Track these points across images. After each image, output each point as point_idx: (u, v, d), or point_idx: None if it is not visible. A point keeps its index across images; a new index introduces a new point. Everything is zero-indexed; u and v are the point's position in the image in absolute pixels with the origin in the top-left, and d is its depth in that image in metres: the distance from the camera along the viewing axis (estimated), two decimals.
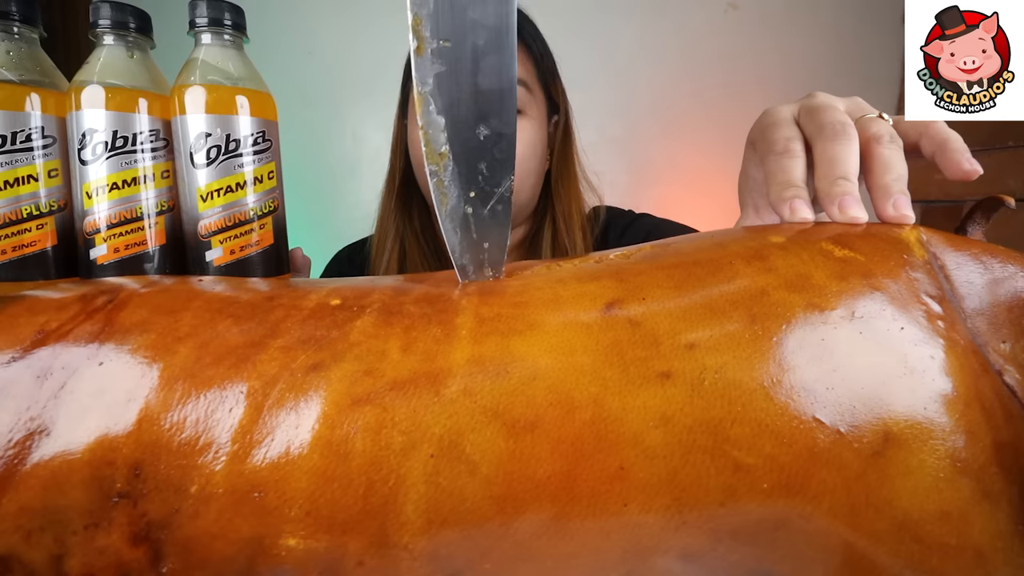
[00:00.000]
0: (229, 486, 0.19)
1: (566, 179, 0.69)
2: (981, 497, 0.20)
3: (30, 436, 0.20)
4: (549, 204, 0.69)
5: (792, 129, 0.30)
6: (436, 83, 0.23)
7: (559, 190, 0.68)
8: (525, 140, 0.61)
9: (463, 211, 0.24)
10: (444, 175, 0.24)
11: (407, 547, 0.19)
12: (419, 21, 0.22)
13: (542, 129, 0.65)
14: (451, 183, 0.24)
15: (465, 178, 0.24)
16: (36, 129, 0.31)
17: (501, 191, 0.25)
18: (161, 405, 0.20)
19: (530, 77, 0.63)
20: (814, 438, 0.20)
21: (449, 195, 0.24)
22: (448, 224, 0.25)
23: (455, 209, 0.24)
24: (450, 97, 0.24)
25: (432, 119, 0.24)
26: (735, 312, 0.21)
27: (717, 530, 0.20)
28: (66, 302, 0.22)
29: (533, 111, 0.63)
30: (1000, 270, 0.24)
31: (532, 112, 0.62)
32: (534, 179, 0.65)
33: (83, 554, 0.19)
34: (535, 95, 0.63)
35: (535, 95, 0.63)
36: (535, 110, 0.63)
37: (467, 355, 0.21)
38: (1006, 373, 0.22)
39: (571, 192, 0.69)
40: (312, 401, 0.20)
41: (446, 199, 0.24)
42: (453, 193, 0.24)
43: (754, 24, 1.37)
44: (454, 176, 0.24)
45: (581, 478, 0.20)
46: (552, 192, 0.68)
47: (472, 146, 0.24)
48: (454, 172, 0.24)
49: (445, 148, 0.24)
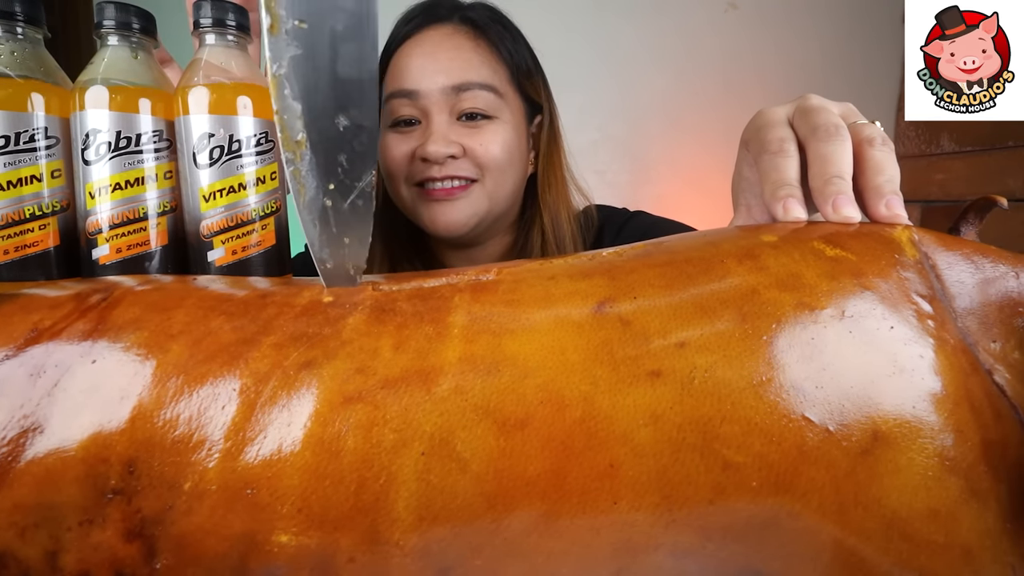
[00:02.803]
0: (222, 483, 0.20)
1: (553, 183, 0.65)
2: (969, 495, 0.20)
3: (24, 434, 0.20)
4: (536, 211, 0.66)
5: (786, 130, 0.30)
6: (292, 66, 0.22)
7: (546, 196, 0.65)
8: (499, 144, 0.58)
9: (322, 203, 0.24)
10: (301, 164, 0.23)
11: (398, 544, 0.20)
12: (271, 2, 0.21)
13: (519, 132, 0.62)
14: (309, 173, 0.23)
15: (324, 169, 0.23)
16: (39, 129, 0.31)
17: (362, 185, 0.24)
18: (154, 402, 0.20)
19: (499, 80, 0.60)
20: (803, 436, 0.20)
21: (307, 186, 0.23)
22: (307, 216, 0.24)
23: (313, 201, 0.24)
24: (307, 82, 0.23)
25: (287, 104, 0.23)
26: (726, 311, 0.21)
27: (707, 527, 0.20)
28: (60, 300, 0.22)
29: (506, 115, 0.60)
30: (991, 270, 0.24)
31: (505, 116, 0.60)
32: (513, 185, 0.62)
33: (78, 550, 0.20)
34: (507, 98, 0.60)
35: (507, 98, 0.60)
36: (508, 113, 0.60)
37: (459, 353, 0.21)
38: (996, 372, 0.22)
39: (560, 197, 0.66)
40: (304, 398, 0.20)
41: (304, 190, 0.23)
42: (311, 184, 0.23)
43: (754, 24, 1.37)
44: (312, 166, 0.23)
45: (571, 476, 0.20)
46: (539, 198, 0.65)
47: (331, 136, 0.23)
48: (312, 162, 0.23)
49: (302, 136, 0.23)
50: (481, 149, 0.58)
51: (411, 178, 0.59)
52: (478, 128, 0.58)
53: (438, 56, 0.58)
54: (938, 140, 1.00)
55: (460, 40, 0.60)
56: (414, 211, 0.60)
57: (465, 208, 0.59)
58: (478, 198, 0.59)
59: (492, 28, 0.62)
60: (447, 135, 0.57)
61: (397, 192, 0.61)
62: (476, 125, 0.58)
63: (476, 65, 0.59)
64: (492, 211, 0.61)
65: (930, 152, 0.99)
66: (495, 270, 0.25)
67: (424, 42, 0.60)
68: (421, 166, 0.57)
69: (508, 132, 0.60)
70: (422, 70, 0.58)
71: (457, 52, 0.59)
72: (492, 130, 0.58)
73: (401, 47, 0.61)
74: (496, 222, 0.63)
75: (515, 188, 0.63)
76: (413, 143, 0.58)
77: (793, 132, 0.30)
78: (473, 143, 0.57)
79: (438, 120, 0.57)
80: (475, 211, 0.59)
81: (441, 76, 0.57)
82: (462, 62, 0.58)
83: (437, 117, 0.57)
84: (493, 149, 0.58)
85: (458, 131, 0.58)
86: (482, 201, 0.59)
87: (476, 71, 0.58)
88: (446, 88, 0.57)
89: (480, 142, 0.58)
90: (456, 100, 0.58)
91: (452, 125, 0.58)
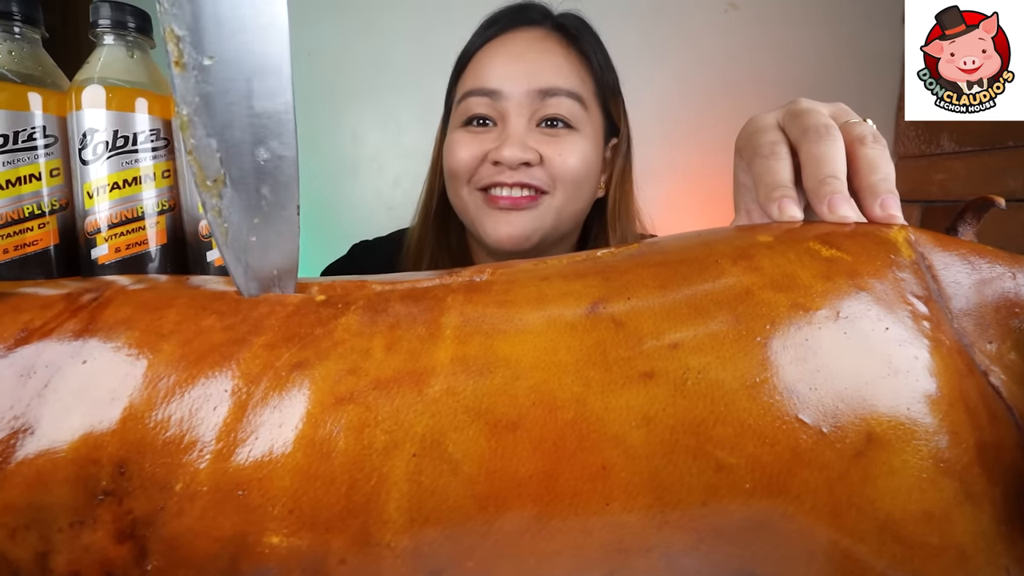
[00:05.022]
0: (213, 484, 0.19)
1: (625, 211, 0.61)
2: (964, 498, 0.20)
3: (14, 435, 0.20)
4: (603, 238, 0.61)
5: (777, 134, 0.30)
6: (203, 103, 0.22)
7: (615, 224, 0.60)
8: (578, 156, 0.55)
9: (246, 240, 0.23)
10: (222, 203, 0.22)
11: (389, 545, 0.19)
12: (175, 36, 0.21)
13: (597, 149, 0.58)
14: (230, 210, 0.23)
15: (246, 204, 0.23)
16: (38, 128, 0.31)
17: (287, 215, 0.23)
18: (145, 403, 0.20)
19: (586, 91, 0.57)
20: (797, 438, 0.20)
21: (231, 223, 0.23)
22: (230, 254, 0.23)
23: (236, 238, 0.23)
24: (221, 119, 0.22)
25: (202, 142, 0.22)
26: (719, 312, 0.21)
27: (699, 529, 0.20)
28: (51, 300, 0.22)
29: (587, 128, 0.56)
30: (988, 270, 0.23)
31: (586, 129, 0.56)
32: (583, 204, 0.58)
33: (68, 552, 0.20)
34: (591, 112, 0.57)
35: (591, 112, 0.57)
36: (590, 128, 0.57)
37: (451, 354, 0.21)
38: (991, 374, 0.22)
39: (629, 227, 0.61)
40: (296, 399, 0.20)
41: (227, 228, 0.23)
42: (234, 220, 0.23)
43: (754, 24, 1.37)
44: (233, 203, 0.23)
45: (563, 477, 0.20)
46: (608, 224, 0.61)
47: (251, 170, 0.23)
48: (233, 198, 0.23)
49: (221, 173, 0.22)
50: (559, 159, 0.54)
51: (477, 182, 0.55)
52: (558, 137, 0.55)
53: (527, 57, 0.55)
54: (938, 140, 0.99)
55: (551, 44, 0.57)
56: (474, 217, 0.57)
57: (531, 221, 0.55)
58: (545, 212, 0.55)
59: (585, 38, 0.59)
60: (525, 140, 0.54)
61: (458, 194, 0.58)
62: (556, 133, 0.55)
63: (565, 72, 0.56)
64: (557, 229, 0.57)
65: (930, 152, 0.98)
66: (489, 270, 0.25)
67: (512, 43, 0.57)
68: (491, 170, 0.54)
69: (587, 146, 0.56)
70: (507, 70, 0.55)
71: (547, 56, 0.56)
72: (572, 141, 0.55)
73: (484, 47, 0.57)
74: (557, 243, 0.59)
75: (583, 208, 0.59)
76: (486, 145, 0.55)
77: (784, 136, 0.30)
78: (551, 152, 0.54)
79: (516, 124, 0.54)
80: (540, 225, 0.55)
81: (527, 78, 0.54)
82: (552, 66, 0.55)
83: (516, 120, 0.54)
84: (571, 161, 0.55)
85: (536, 138, 0.54)
86: (549, 215, 0.56)
87: (565, 78, 0.55)
88: (531, 91, 0.54)
89: (559, 152, 0.54)
90: (539, 105, 0.54)
91: (531, 131, 0.55)
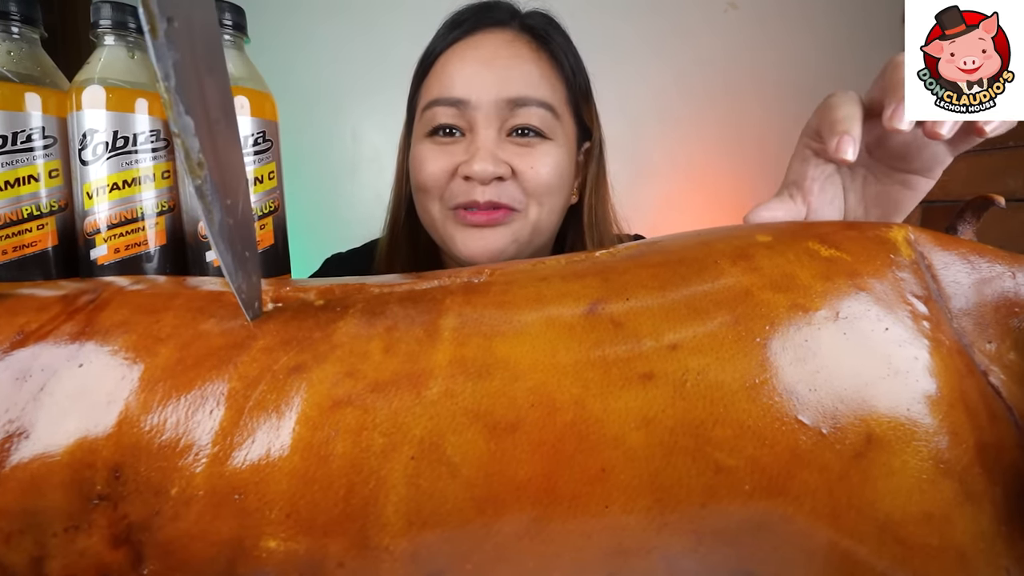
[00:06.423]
0: (209, 488, 0.19)
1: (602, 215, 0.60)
2: (964, 498, 0.20)
3: (9, 439, 0.20)
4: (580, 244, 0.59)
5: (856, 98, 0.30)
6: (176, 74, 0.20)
7: (593, 229, 0.59)
8: (551, 167, 0.52)
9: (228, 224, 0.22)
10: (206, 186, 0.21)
11: (388, 549, 0.19)
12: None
13: (570, 157, 0.56)
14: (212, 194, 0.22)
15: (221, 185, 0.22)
16: (37, 129, 0.31)
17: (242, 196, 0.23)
18: (141, 407, 0.20)
19: (558, 99, 0.54)
20: (796, 440, 0.19)
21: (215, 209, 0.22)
22: (220, 241, 0.22)
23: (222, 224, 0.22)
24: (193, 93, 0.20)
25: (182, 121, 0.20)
26: (719, 312, 0.21)
27: (699, 531, 0.20)
28: (47, 302, 0.22)
29: (560, 137, 0.54)
30: (988, 270, 0.23)
31: (559, 138, 0.54)
32: (558, 215, 0.57)
33: (63, 556, 0.19)
34: (563, 119, 0.55)
35: (563, 119, 0.55)
36: (562, 136, 0.54)
37: (449, 356, 0.21)
38: (991, 374, 0.22)
39: (607, 229, 0.60)
40: (293, 403, 0.20)
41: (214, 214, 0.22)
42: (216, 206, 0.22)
43: (753, 24, 1.37)
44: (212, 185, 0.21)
45: (562, 480, 0.19)
46: (585, 230, 0.59)
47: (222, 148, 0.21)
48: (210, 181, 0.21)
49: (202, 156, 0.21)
50: (531, 172, 0.52)
51: (449, 199, 0.53)
52: (530, 147, 0.53)
53: (495, 64, 0.52)
54: None
55: (520, 49, 0.54)
56: (444, 233, 0.55)
57: (504, 236, 0.53)
58: (520, 227, 0.54)
59: (555, 40, 0.56)
60: (495, 152, 0.51)
61: (427, 210, 0.55)
62: (527, 143, 0.53)
63: (536, 80, 0.53)
64: (532, 242, 0.55)
65: None
66: (488, 271, 0.25)
67: (479, 46, 0.54)
68: (463, 187, 0.52)
69: (561, 155, 0.54)
70: (475, 78, 0.52)
71: (516, 62, 0.53)
72: (544, 151, 0.53)
73: (449, 50, 0.54)
74: (533, 255, 0.57)
75: (558, 218, 0.57)
76: (455, 157, 0.52)
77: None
78: (523, 164, 0.52)
79: (485, 135, 0.51)
80: (514, 239, 0.53)
81: (496, 87, 0.51)
82: (522, 74, 0.52)
83: (484, 132, 0.51)
84: (544, 173, 0.52)
85: (507, 149, 0.52)
86: (524, 230, 0.54)
87: (535, 87, 0.53)
88: (500, 101, 0.51)
89: (531, 164, 0.52)
90: (509, 115, 0.52)
91: (501, 142, 0.52)
